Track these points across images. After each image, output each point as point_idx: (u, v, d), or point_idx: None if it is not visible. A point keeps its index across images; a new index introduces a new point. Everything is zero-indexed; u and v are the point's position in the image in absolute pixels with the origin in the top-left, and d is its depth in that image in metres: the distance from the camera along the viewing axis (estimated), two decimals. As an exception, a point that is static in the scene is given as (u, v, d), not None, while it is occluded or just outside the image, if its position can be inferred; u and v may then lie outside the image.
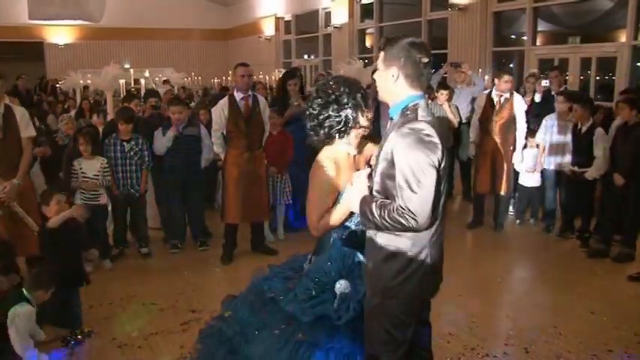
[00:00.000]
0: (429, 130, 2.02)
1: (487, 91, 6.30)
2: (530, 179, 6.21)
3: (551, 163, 5.99)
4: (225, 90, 11.88)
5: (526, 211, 6.47)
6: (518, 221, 6.40)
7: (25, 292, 3.43)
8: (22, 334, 3.33)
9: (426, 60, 2.10)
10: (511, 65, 11.32)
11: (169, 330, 3.91)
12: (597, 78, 9.28)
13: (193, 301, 4.40)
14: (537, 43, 10.18)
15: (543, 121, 6.03)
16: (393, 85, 2.14)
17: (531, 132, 6.16)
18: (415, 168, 1.99)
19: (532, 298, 4.60)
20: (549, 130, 5.94)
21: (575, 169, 5.58)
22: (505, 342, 3.70)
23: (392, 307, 2.16)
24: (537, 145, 6.08)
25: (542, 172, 6.16)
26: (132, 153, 5.25)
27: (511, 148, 6.07)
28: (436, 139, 2.02)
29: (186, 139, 5.46)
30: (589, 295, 4.49)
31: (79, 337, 3.78)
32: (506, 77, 6.01)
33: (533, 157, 6.12)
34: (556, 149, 5.90)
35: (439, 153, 2.02)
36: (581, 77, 9.39)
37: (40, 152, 5.61)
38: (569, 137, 5.74)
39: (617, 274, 4.89)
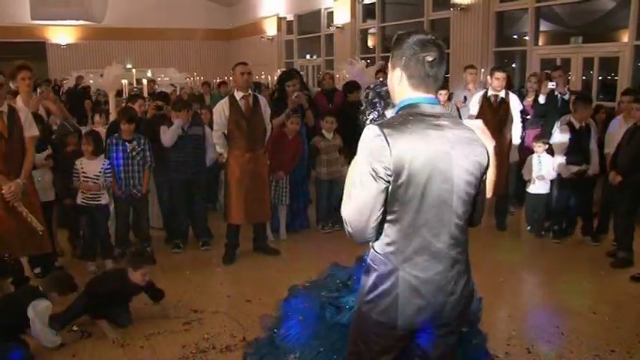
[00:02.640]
0: (376, 133, 1.78)
1: (483, 91, 6.16)
2: (539, 187, 5.90)
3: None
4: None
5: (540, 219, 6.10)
6: (529, 228, 6.08)
7: (40, 288, 3.62)
8: (45, 326, 3.53)
9: (430, 58, 1.85)
10: (513, 65, 11.30)
11: (171, 330, 3.91)
12: (600, 78, 9.26)
13: (195, 301, 4.40)
14: (539, 43, 10.17)
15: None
16: (398, 86, 1.93)
17: (538, 135, 6.05)
18: (355, 174, 1.83)
19: (534, 298, 4.61)
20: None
21: (583, 167, 5.50)
22: (507, 342, 3.70)
23: (365, 323, 1.97)
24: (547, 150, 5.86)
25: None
26: (134, 153, 5.24)
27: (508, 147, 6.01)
28: (382, 142, 1.75)
29: (191, 139, 5.50)
30: (591, 295, 4.49)
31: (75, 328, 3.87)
32: (498, 74, 5.86)
33: (542, 165, 5.81)
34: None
35: (385, 159, 1.76)
36: (583, 77, 9.38)
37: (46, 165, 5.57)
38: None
39: (619, 275, 4.89)
